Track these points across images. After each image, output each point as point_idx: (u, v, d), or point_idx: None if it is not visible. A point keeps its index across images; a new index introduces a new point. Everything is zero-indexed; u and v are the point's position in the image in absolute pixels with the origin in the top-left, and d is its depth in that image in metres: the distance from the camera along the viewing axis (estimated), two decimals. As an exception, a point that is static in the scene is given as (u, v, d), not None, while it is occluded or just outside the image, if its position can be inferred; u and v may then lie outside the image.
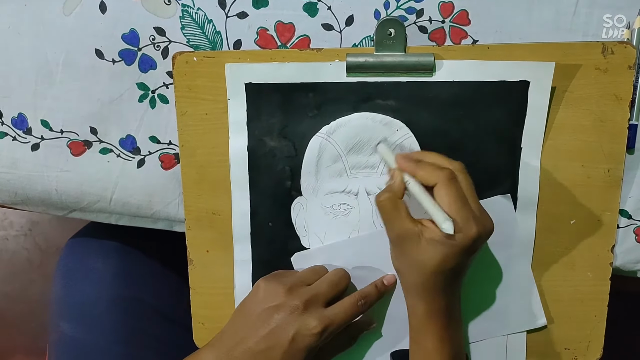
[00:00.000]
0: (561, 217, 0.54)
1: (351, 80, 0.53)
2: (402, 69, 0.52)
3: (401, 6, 0.53)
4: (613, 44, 0.51)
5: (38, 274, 1.27)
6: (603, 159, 0.53)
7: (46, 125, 0.57)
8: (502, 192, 0.54)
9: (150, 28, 0.55)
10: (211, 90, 0.54)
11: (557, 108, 0.53)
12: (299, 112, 0.54)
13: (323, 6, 0.54)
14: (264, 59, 0.53)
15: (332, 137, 0.54)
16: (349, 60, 0.52)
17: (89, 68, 0.55)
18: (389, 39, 0.51)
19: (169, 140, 0.57)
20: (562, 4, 0.53)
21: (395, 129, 0.53)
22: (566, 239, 0.55)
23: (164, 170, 0.57)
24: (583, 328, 0.56)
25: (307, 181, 0.55)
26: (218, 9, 0.54)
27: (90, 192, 0.58)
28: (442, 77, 0.52)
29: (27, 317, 1.27)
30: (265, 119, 0.54)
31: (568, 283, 0.55)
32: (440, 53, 0.52)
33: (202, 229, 0.56)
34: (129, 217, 0.59)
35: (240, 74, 0.53)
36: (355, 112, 0.53)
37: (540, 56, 0.51)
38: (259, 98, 0.54)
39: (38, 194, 0.58)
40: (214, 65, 0.53)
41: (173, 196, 0.58)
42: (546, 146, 0.53)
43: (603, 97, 0.52)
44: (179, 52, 0.53)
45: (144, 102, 0.56)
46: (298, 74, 0.53)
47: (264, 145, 0.54)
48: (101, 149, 0.57)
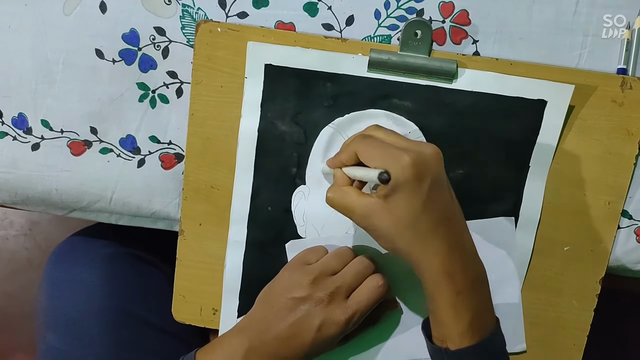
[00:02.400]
0: (556, 242, 0.55)
1: (371, 76, 0.53)
2: (424, 72, 0.52)
3: (401, 6, 0.53)
4: (633, 80, 0.51)
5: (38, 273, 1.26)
6: (605, 191, 0.53)
7: (46, 125, 0.57)
8: (505, 208, 0.54)
9: (150, 28, 0.55)
10: (230, 63, 0.53)
11: (568, 134, 0.53)
12: (315, 101, 0.53)
13: (323, 6, 0.54)
14: (288, 41, 0.52)
15: (344, 130, 0.53)
16: (372, 55, 0.52)
17: (89, 68, 0.55)
18: (415, 40, 0.51)
19: (169, 140, 0.57)
20: (562, 4, 0.53)
21: (408, 130, 0.53)
22: (558, 265, 0.55)
23: (164, 170, 0.57)
24: (560, 356, 0.56)
25: (312, 170, 0.54)
26: (218, 8, 0.54)
27: (90, 192, 0.58)
28: (462, 85, 0.52)
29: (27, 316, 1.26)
30: (279, 102, 0.54)
31: (553, 308, 0.56)
32: (464, 61, 0.52)
33: (199, 202, 0.56)
34: (129, 216, 0.59)
35: (261, 54, 0.53)
36: (371, 108, 0.53)
37: (560, 79, 0.51)
38: (277, 81, 0.53)
39: (38, 194, 0.58)
40: (236, 39, 0.53)
41: (173, 196, 0.58)
42: (552, 169, 0.53)
43: (615, 130, 0.52)
44: (203, 20, 0.53)
45: (144, 102, 0.56)
46: (319, 62, 0.53)
47: (275, 128, 0.54)
48: (101, 149, 0.57)
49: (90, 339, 0.60)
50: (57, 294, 0.61)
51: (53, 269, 0.63)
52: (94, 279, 0.61)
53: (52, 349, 0.60)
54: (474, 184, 0.54)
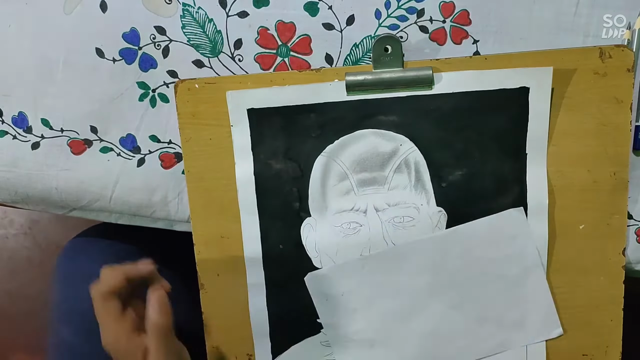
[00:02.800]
0: (570, 223, 0.54)
1: (352, 98, 0.53)
2: (402, 84, 0.52)
3: (402, 6, 0.53)
4: (610, 48, 0.51)
5: (38, 272, 1.27)
6: (608, 162, 0.53)
7: (46, 124, 0.57)
8: (512, 199, 0.54)
9: (150, 27, 0.55)
10: (214, 115, 0.54)
11: (558, 114, 0.52)
12: (302, 134, 0.54)
13: (324, 5, 0.54)
14: (264, 82, 0.53)
15: (337, 156, 0.54)
16: (348, 79, 0.52)
17: (90, 67, 0.55)
18: (386, 55, 0.52)
19: (169, 139, 0.57)
20: (562, 4, 0.53)
21: (400, 143, 0.53)
22: (577, 245, 0.54)
23: (164, 169, 0.57)
24: (600, 334, 0.55)
25: (314, 201, 0.55)
26: (219, 8, 0.54)
27: (90, 191, 0.58)
28: (442, 89, 0.52)
29: (27, 315, 1.27)
30: (269, 142, 0.54)
31: (581, 289, 0.55)
32: (438, 66, 0.52)
33: (212, 253, 0.56)
34: (129, 215, 0.60)
35: (241, 100, 0.53)
36: (358, 130, 0.53)
37: (539, 63, 0.51)
38: (262, 122, 0.54)
39: (38, 193, 0.59)
40: (215, 91, 0.53)
41: (173, 195, 0.58)
42: (550, 153, 0.53)
43: (603, 100, 0.52)
44: (180, 80, 0.54)
45: (144, 101, 0.56)
46: (298, 96, 0.53)
47: (270, 168, 0.55)
48: (101, 148, 0.57)
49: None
50: (71, 288, 0.62)
51: (66, 264, 0.63)
52: None
53: (65, 343, 0.61)
54: (476, 183, 0.54)
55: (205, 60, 0.55)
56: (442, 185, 0.53)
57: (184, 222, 0.58)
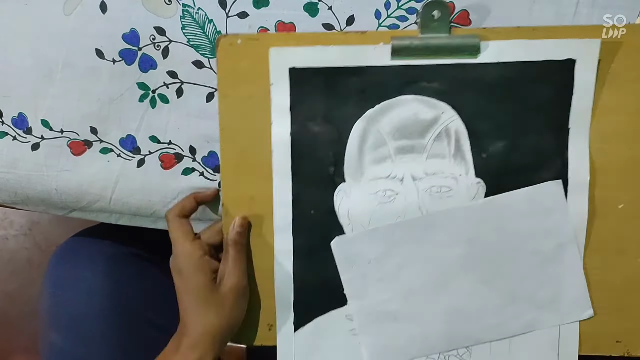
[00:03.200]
0: (609, 201, 0.53)
1: (395, 63, 0.52)
2: (447, 51, 0.51)
3: (402, 6, 0.53)
4: None
5: (38, 273, 1.27)
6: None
7: (46, 124, 0.57)
8: (552, 173, 0.53)
9: (150, 28, 0.55)
10: (254, 73, 0.53)
11: (602, 90, 0.52)
12: (343, 97, 0.53)
13: (324, 6, 0.54)
14: (308, 42, 0.52)
15: (377, 121, 0.53)
16: (394, 43, 0.51)
17: (89, 68, 0.55)
18: (433, 20, 0.51)
19: (169, 140, 0.57)
20: (562, 4, 0.52)
21: (441, 111, 0.52)
22: (614, 225, 0.53)
23: (163, 170, 0.57)
24: (634, 318, 0.54)
25: (350, 167, 0.53)
26: (219, 8, 0.54)
27: (90, 192, 0.58)
28: (487, 58, 0.51)
29: (27, 316, 1.27)
30: (308, 103, 0.53)
31: (618, 270, 0.54)
32: (485, 34, 0.51)
33: (239, 215, 0.55)
34: (129, 216, 0.59)
35: (284, 59, 0.52)
36: (400, 95, 0.53)
37: (586, 36, 0.51)
38: (302, 83, 0.53)
39: (38, 194, 0.59)
40: (257, 48, 0.53)
41: (172, 196, 0.58)
42: (592, 129, 0.52)
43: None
44: (223, 35, 0.53)
45: (144, 101, 0.56)
46: (342, 58, 0.52)
47: (307, 130, 0.54)
48: (101, 149, 0.57)
49: (93, 338, 0.60)
50: (60, 293, 0.61)
51: (55, 268, 0.63)
52: (96, 278, 0.61)
53: (55, 348, 0.61)
54: (516, 155, 0.53)
55: (205, 61, 0.55)
56: (482, 156, 0.53)
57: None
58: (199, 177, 0.58)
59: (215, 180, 0.58)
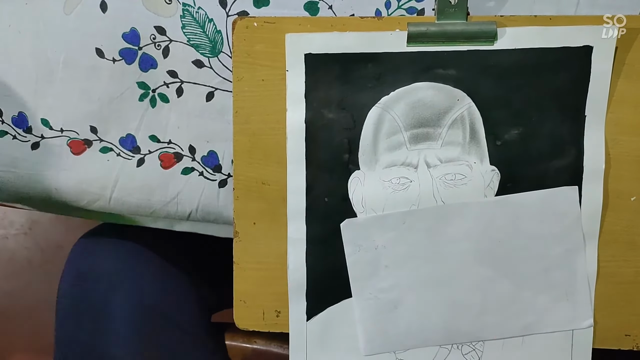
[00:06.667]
0: (622, 193, 0.53)
1: (411, 50, 0.52)
2: (464, 37, 0.51)
3: (402, 6, 0.53)
4: None
5: (38, 273, 1.27)
6: None
7: (46, 124, 0.57)
8: (568, 162, 0.52)
9: (150, 27, 0.55)
10: (269, 56, 0.53)
11: (618, 80, 0.51)
12: (358, 83, 0.53)
13: (324, 5, 0.54)
14: (324, 27, 0.52)
15: (392, 108, 0.53)
16: (411, 29, 0.51)
17: (90, 67, 0.55)
18: (450, 7, 0.51)
19: (169, 139, 0.57)
20: (562, 5, 0.53)
21: (457, 98, 0.52)
22: (626, 217, 0.53)
23: (163, 169, 0.57)
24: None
25: (365, 154, 0.53)
26: (219, 8, 0.54)
27: (89, 191, 0.58)
28: (504, 45, 0.51)
29: (27, 316, 1.27)
30: (323, 90, 0.53)
31: (629, 264, 0.53)
32: (503, 21, 0.51)
33: (251, 200, 0.54)
34: (129, 215, 0.60)
35: (300, 44, 0.52)
36: (416, 82, 0.52)
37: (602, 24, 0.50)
38: (318, 69, 0.53)
39: (38, 193, 0.59)
40: (273, 31, 0.52)
41: (172, 195, 0.58)
42: (607, 119, 0.52)
43: None
44: (239, 17, 0.53)
45: (144, 101, 0.56)
46: (357, 44, 0.52)
47: (322, 117, 0.53)
48: (101, 148, 0.57)
49: (113, 333, 0.60)
50: (81, 283, 0.61)
51: (77, 259, 0.63)
52: (118, 272, 0.61)
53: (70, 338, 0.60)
54: (532, 143, 0.52)
55: (205, 60, 0.55)
56: (497, 144, 0.52)
57: (184, 222, 0.58)
58: (198, 176, 0.58)
59: (215, 180, 0.58)
